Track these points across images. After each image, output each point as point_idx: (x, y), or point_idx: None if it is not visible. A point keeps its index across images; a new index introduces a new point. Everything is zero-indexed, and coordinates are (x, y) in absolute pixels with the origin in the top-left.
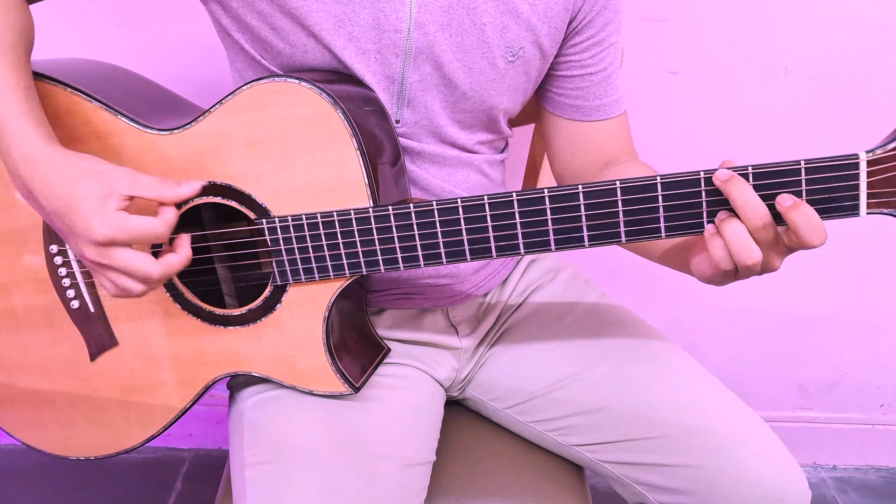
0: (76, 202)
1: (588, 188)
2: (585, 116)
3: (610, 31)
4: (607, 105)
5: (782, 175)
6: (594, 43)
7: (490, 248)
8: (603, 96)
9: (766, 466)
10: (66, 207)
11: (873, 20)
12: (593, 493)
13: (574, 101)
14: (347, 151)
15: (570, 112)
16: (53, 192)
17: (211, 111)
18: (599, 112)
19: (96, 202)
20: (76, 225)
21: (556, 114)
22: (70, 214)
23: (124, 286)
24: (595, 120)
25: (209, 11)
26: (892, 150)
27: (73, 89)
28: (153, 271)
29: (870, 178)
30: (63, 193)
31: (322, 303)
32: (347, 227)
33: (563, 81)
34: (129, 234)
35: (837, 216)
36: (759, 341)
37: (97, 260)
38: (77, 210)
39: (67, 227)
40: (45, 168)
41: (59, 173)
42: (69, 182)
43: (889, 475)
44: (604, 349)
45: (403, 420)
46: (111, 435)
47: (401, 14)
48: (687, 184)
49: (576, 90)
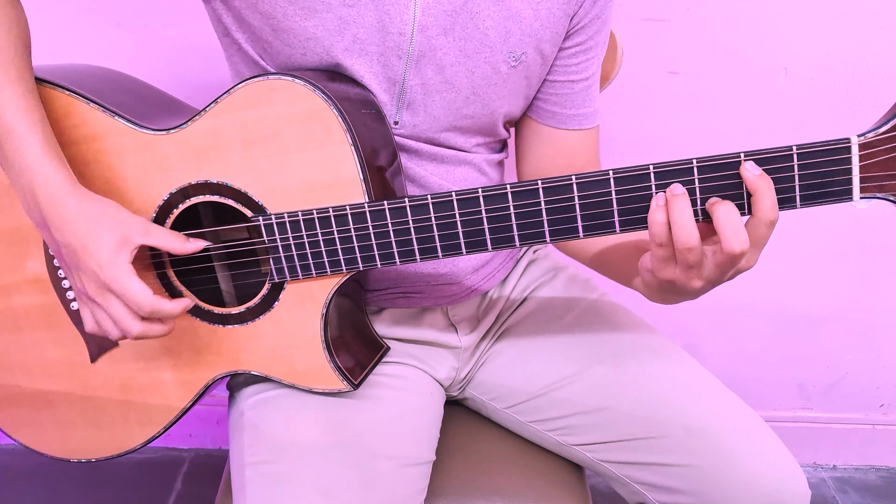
0: (94, 247)
1: (582, 179)
2: (560, 124)
3: (598, 41)
4: (583, 116)
5: (774, 161)
6: (582, 50)
7: (485, 241)
8: (580, 106)
9: (766, 466)
10: (82, 249)
11: (873, 20)
12: (593, 493)
13: (552, 108)
14: (342, 148)
15: (546, 117)
16: (73, 233)
17: (206, 110)
18: (574, 121)
19: (111, 250)
20: (87, 265)
21: (532, 117)
22: (84, 255)
23: (105, 328)
24: (569, 129)
25: (209, 10)
26: (884, 134)
27: (72, 91)
28: (133, 329)
29: (863, 162)
30: (83, 235)
31: (320, 300)
32: (343, 223)
33: (545, 86)
34: (122, 290)
35: (831, 201)
36: (759, 341)
37: (94, 297)
38: (92, 254)
39: (75, 263)
40: (67, 212)
41: (83, 218)
42: (88, 227)
43: (889, 475)
44: (603, 349)
45: (403, 420)
46: (111, 436)
47: (405, 17)
48: (680, 172)
49: (555, 96)
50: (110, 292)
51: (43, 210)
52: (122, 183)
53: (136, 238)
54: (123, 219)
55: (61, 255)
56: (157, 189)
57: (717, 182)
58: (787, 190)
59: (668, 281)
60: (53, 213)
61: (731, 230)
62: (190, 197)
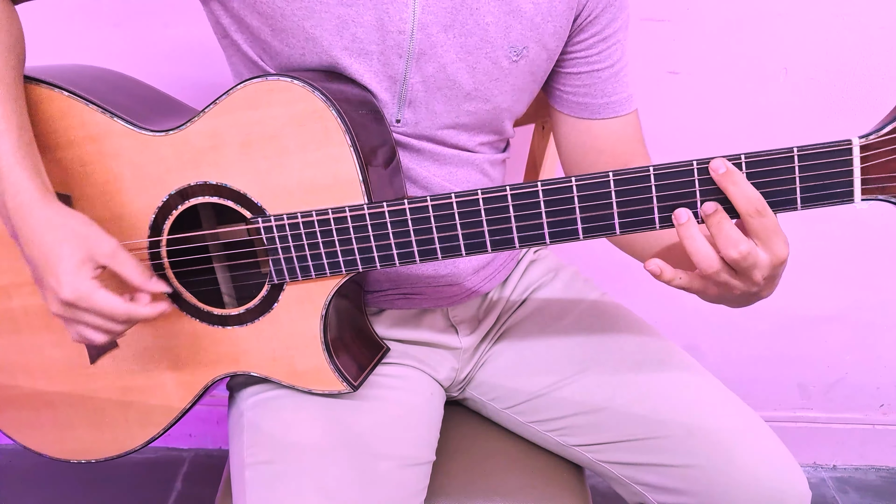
0: (54, 260)
1: (581, 180)
2: (594, 114)
3: (616, 28)
4: (616, 102)
5: (776, 163)
6: (600, 39)
7: (485, 243)
8: (612, 93)
9: (766, 466)
10: (44, 262)
11: (873, 20)
12: (593, 493)
13: (582, 99)
14: (341, 149)
15: (577, 110)
16: (36, 246)
17: (205, 111)
18: (608, 109)
19: (73, 265)
20: (48, 281)
21: (564, 112)
22: (45, 269)
23: (86, 336)
24: (604, 118)
25: (208, 12)
26: (885, 135)
27: (69, 92)
28: (116, 330)
29: (864, 164)
30: (45, 249)
31: (319, 301)
32: (343, 224)
33: (571, 78)
34: (90, 306)
35: (832, 203)
36: (759, 341)
37: (62, 314)
38: (52, 268)
39: (38, 277)
40: (34, 222)
41: (47, 230)
42: (53, 241)
43: (889, 475)
44: (604, 349)
45: (403, 420)
46: (111, 437)
47: (404, 15)
48: (680, 174)
49: (583, 87)
50: (77, 308)
51: (12, 219)
52: (120, 184)
53: (101, 258)
54: (91, 235)
55: (30, 268)
56: (156, 190)
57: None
58: (789, 192)
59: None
60: (21, 222)
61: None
62: (189, 198)
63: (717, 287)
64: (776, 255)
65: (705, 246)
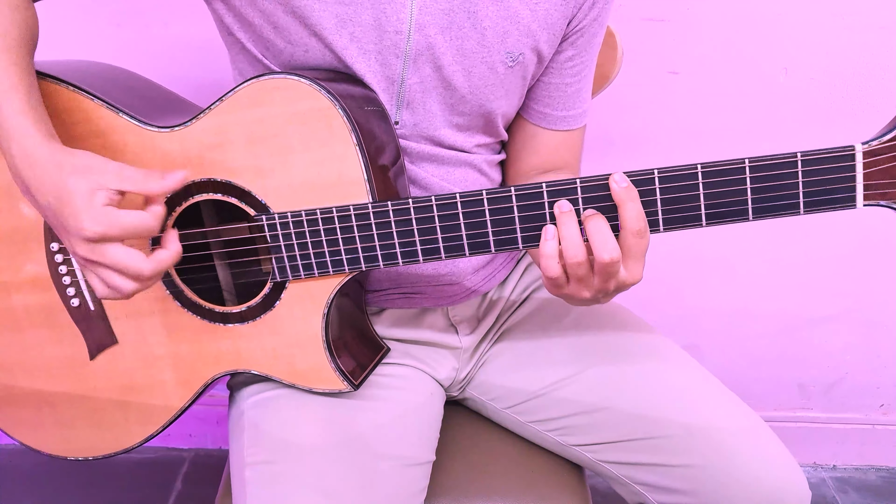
0: (66, 196)
1: (586, 182)
2: (550, 125)
3: (595, 45)
4: (573, 117)
5: (779, 167)
6: (578, 53)
7: (489, 243)
8: (571, 108)
9: (766, 466)
10: (58, 202)
11: (873, 20)
12: (593, 493)
13: (543, 109)
14: (346, 147)
15: (535, 117)
16: (46, 188)
17: (211, 108)
18: (564, 123)
19: (85, 198)
20: (68, 222)
21: (522, 115)
22: (60, 210)
23: (115, 284)
24: (557, 129)
25: (212, 10)
26: (888, 142)
27: (76, 88)
28: (144, 268)
29: (866, 170)
30: (54, 189)
31: (321, 300)
32: (346, 223)
33: (539, 86)
34: (120, 229)
35: (834, 209)
36: (759, 341)
37: (88, 257)
38: (67, 205)
39: (61, 223)
40: (40, 165)
41: (53, 170)
42: (59, 178)
43: (889, 475)
44: (603, 349)
45: (403, 420)
46: (110, 434)
47: (402, 15)
48: (684, 177)
49: (547, 97)
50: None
51: (18, 167)
52: None
53: (110, 183)
54: (95, 165)
55: (51, 222)
56: None
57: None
58: (791, 196)
59: (562, 294)
60: (27, 168)
61: (599, 240)
62: (193, 195)
63: (576, 282)
64: (633, 276)
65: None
